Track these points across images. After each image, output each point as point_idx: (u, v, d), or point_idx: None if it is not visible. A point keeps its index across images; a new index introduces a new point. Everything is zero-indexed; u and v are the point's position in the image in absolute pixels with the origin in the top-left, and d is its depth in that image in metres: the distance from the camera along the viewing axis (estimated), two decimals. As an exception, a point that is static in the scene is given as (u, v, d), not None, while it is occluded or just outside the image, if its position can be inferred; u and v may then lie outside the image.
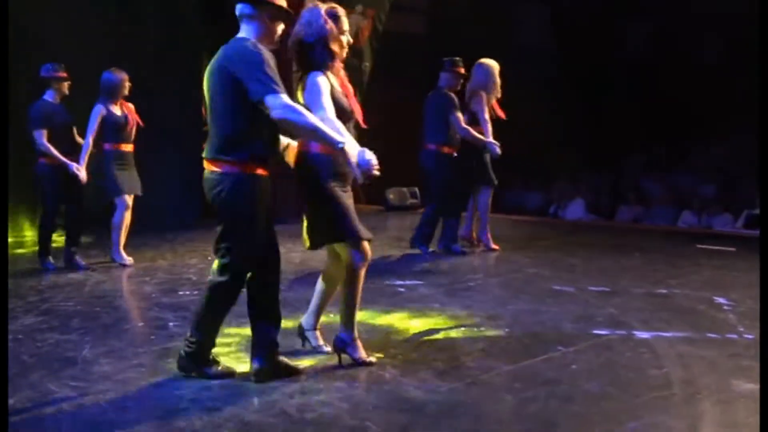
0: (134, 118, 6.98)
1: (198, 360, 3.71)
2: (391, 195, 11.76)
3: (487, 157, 7.16)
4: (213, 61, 3.62)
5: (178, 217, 9.97)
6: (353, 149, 3.43)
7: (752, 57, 11.31)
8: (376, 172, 3.41)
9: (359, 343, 3.93)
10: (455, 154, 7.12)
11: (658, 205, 13.53)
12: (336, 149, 3.45)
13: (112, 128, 6.82)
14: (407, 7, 12.75)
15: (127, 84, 6.93)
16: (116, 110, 6.81)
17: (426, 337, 4.47)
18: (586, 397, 3.47)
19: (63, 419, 3.26)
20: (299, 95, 3.80)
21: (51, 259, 6.80)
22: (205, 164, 3.66)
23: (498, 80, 7.19)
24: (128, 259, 6.99)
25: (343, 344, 3.90)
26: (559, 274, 6.39)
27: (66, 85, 6.77)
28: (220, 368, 3.75)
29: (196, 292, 5.78)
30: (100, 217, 7.33)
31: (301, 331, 4.15)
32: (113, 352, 4.27)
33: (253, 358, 3.69)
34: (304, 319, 4.16)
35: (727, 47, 13.26)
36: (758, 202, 12.13)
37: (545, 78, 13.76)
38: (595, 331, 4.55)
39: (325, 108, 3.65)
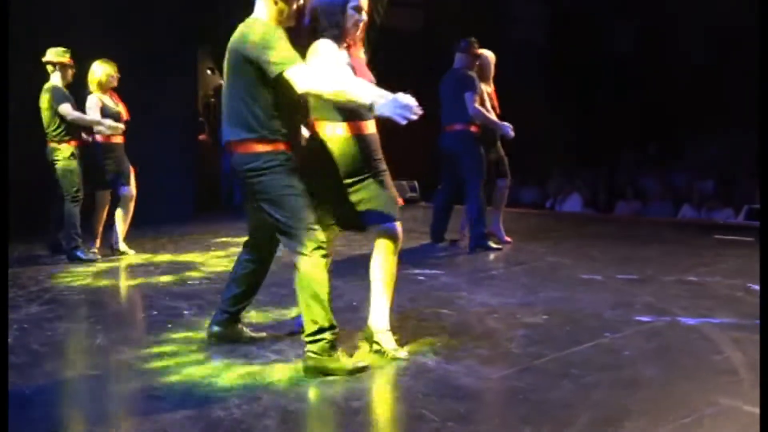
0: (124, 110, 6.73)
1: (330, 353, 3.34)
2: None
3: (482, 149, 6.84)
4: (229, 42, 3.46)
5: (174, 211, 9.70)
6: (385, 98, 3.18)
7: (743, 54, 11.35)
8: (416, 115, 3.17)
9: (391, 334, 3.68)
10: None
11: (656, 200, 13.43)
12: (367, 104, 3.22)
13: (111, 119, 6.55)
14: (404, 2, 12.53)
15: (116, 75, 6.65)
16: (109, 101, 6.55)
17: (461, 325, 4.21)
18: (651, 382, 3.23)
19: (87, 409, 2.98)
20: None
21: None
22: (234, 147, 3.41)
23: (492, 72, 7.04)
24: (130, 251, 6.71)
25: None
26: (581, 263, 6.16)
27: (71, 72, 6.47)
28: (353, 360, 3.45)
29: (206, 282, 5.52)
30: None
31: (368, 334, 3.72)
32: (131, 340, 3.99)
33: (305, 351, 3.38)
34: (372, 319, 3.72)
35: (718, 46, 13.19)
36: (758, 195, 12.10)
37: (541, 74, 13.61)
38: (638, 318, 4.32)
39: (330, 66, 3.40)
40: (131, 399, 3.09)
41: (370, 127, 3.62)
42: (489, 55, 7.04)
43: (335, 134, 3.55)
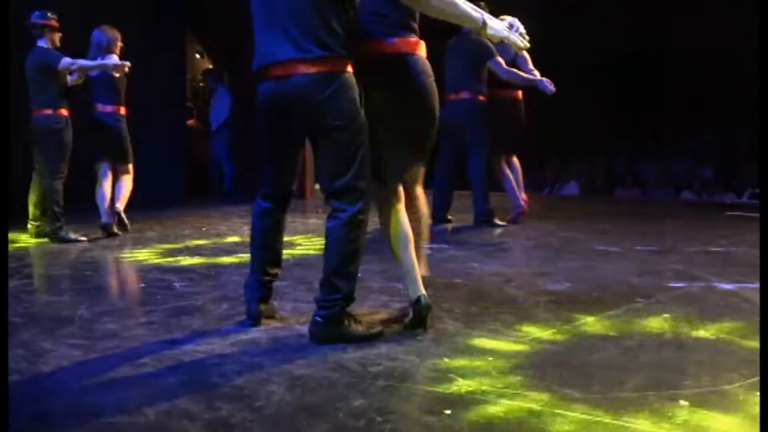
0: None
1: (341, 320, 2.98)
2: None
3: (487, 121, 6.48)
4: None
5: (162, 197, 9.33)
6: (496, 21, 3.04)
7: (736, 44, 11.12)
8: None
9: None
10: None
11: (656, 187, 13.20)
12: (479, 22, 3.00)
13: (116, 88, 6.16)
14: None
15: (120, 43, 6.26)
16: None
17: (478, 293, 3.85)
18: (702, 345, 2.88)
19: (66, 378, 2.60)
20: None
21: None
22: (298, 67, 2.94)
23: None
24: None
25: None
26: (594, 236, 5.82)
27: (58, 36, 6.04)
28: (364, 327, 3.06)
29: (197, 257, 5.13)
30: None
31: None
32: (116, 311, 3.61)
33: (315, 314, 3.00)
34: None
35: (714, 34, 12.96)
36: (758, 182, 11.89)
37: (536, 61, 13.30)
38: (670, 284, 3.98)
39: None
40: (115, 367, 2.71)
41: None
42: (511, 20, 6.62)
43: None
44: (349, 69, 2.97)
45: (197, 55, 12.08)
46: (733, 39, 11.59)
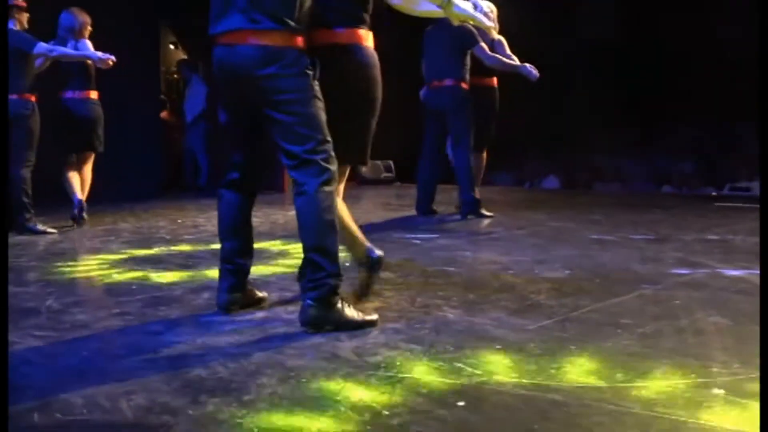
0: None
1: (333, 303, 2.75)
2: (364, 168, 10.88)
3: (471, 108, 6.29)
4: None
5: (135, 190, 9.03)
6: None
7: (713, 42, 11.10)
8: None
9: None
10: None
11: (636, 181, 13.14)
12: (443, 1, 2.90)
13: (87, 73, 5.88)
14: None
15: (89, 27, 5.98)
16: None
17: (474, 280, 3.64)
18: (722, 329, 2.70)
19: (33, 372, 2.35)
20: None
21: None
22: (246, 37, 2.76)
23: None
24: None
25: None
26: (586, 226, 5.64)
27: (26, 17, 5.72)
28: (359, 312, 2.84)
29: (173, 249, 4.87)
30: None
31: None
32: (86, 302, 3.36)
33: (304, 299, 2.78)
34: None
35: (693, 32, 12.92)
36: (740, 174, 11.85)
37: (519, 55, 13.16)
38: (675, 271, 3.80)
39: None
40: (87, 360, 2.45)
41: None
42: (487, 5, 6.47)
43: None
44: (300, 44, 2.80)
45: (171, 46, 11.77)
46: (711, 36, 11.57)
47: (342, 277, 2.80)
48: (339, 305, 2.77)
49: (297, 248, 4.44)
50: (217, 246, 5.04)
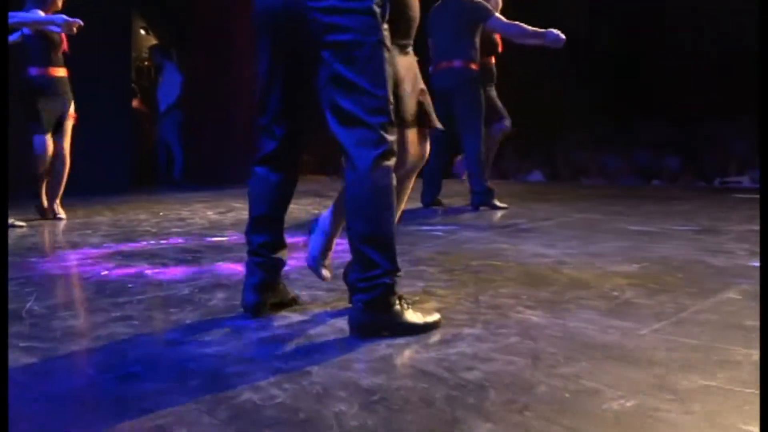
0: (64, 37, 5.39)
1: (390, 304, 2.20)
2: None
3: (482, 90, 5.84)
4: None
5: (106, 183, 8.37)
6: None
7: (692, 36, 10.83)
8: None
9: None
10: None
11: (622, 177, 12.84)
12: None
13: (44, 46, 5.23)
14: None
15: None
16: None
17: (533, 276, 3.11)
18: None
19: (24, 398, 1.75)
20: None
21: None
22: None
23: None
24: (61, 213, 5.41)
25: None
26: (615, 217, 5.15)
27: None
28: (420, 313, 2.29)
29: (163, 242, 4.27)
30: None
31: None
32: (76, 303, 2.76)
33: (355, 301, 2.23)
34: None
35: (672, 26, 12.66)
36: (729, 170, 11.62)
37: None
38: (756, 263, 3.30)
39: None
40: (96, 381, 1.87)
41: None
42: None
43: None
44: None
45: (142, 31, 11.07)
46: (691, 31, 11.30)
47: (400, 272, 2.24)
48: (397, 306, 2.22)
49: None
50: (215, 239, 4.54)
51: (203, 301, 2.71)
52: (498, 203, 5.77)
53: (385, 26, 2.20)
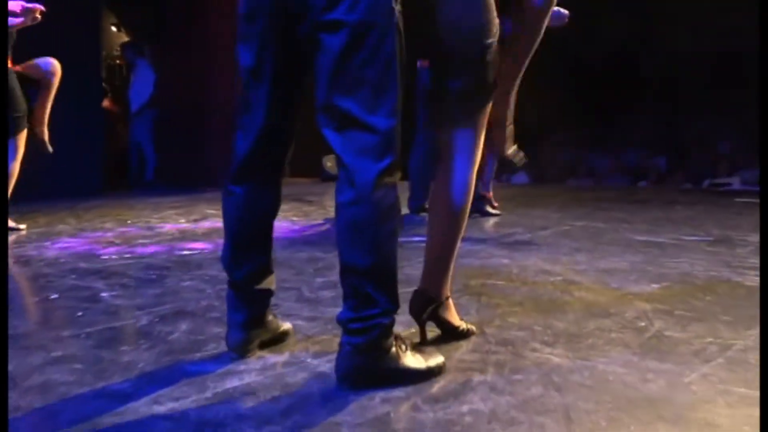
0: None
1: (387, 348, 1.83)
2: (329, 163, 9.88)
3: None
4: None
5: (74, 187, 7.90)
6: None
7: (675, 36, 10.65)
8: None
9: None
10: None
11: (609, 177, 12.60)
12: None
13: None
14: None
15: None
16: None
17: (544, 301, 2.74)
18: None
19: None
20: None
21: None
22: None
23: None
24: (20, 225, 4.96)
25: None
26: (618, 225, 4.79)
27: None
28: (420, 355, 1.91)
29: (127, 256, 3.86)
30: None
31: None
32: (12, 339, 2.32)
33: (345, 342, 1.83)
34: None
35: (656, 27, 12.46)
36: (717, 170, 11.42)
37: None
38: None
39: None
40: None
41: None
42: None
43: None
44: None
45: (113, 28, 10.62)
46: (678, 30, 11.10)
47: (399, 307, 1.86)
48: (394, 350, 1.83)
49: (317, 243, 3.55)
50: (184, 252, 4.14)
51: (163, 336, 2.30)
52: (490, 209, 5.40)
53: (399, 7, 1.80)
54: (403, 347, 1.86)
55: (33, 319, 2.59)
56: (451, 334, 2.18)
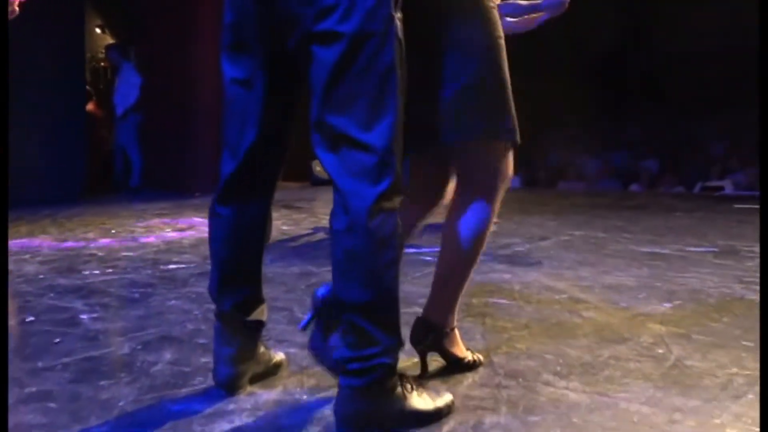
0: None
1: (391, 389, 1.67)
2: (318, 167, 9.70)
3: None
4: None
5: (56, 193, 7.72)
6: None
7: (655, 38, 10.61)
8: None
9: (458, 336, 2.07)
10: None
11: (600, 180, 12.51)
12: None
13: None
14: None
15: None
16: None
17: (549, 322, 2.58)
18: None
19: None
20: None
21: None
22: None
23: None
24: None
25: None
26: (618, 235, 4.65)
27: None
28: (427, 393, 1.75)
29: (110, 271, 3.68)
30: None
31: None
32: (-18, 371, 2.15)
33: (344, 383, 1.66)
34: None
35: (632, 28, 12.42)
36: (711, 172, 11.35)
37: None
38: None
39: None
40: None
41: None
42: None
43: None
44: None
45: (98, 30, 10.43)
46: (667, 32, 11.04)
47: (403, 345, 1.70)
48: (399, 390, 1.67)
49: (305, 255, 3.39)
50: (170, 267, 3.96)
51: (145, 367, 2.13)
52: (486, 218, 5.24)
53: (399, 14, 1.64)
54: (409, 387, 1.70)
55: (10, 346, 2.41)
56: (456, 366, 2.02)
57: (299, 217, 5.86)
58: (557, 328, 2.48)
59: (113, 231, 5.29)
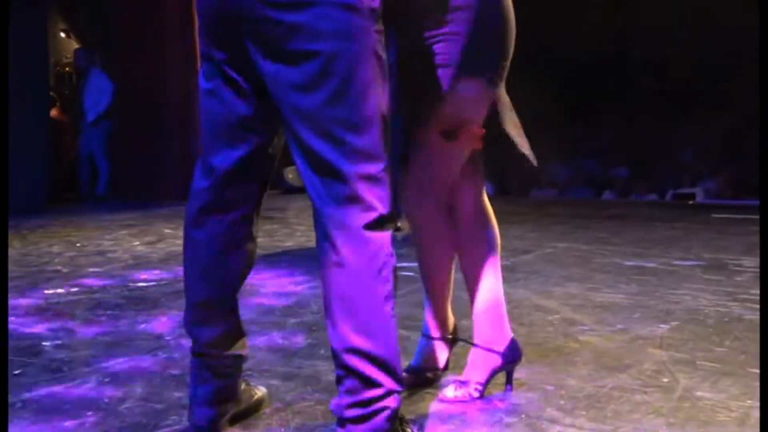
0: None
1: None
2: (290, 174, 9.53)
3: None
4: None
5: (18, 202, 7.43)
6: None
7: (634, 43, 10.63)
8: None
9: None
10: None
11: (572, 187, 12.46)
12: None
13: None
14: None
15: None
16: None
17: (545, 347, 2.45)
18: None
19: None
20: None
21: None
22: None
23: None
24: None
25: None
26: (601, 247, 4.56)
27: None
28: None
29: (75, 290, 3.49)
30: None
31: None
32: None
33: (340, 430, 1.50)
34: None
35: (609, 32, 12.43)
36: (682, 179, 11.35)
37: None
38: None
39: None
40: None
41: None
42: None
43: None
44: None
45: (62, 34, 10.16)
46: (639, 38, 11.05)
47: (404, 386, 1.55)
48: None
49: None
50: (139, 285, 3.76)
51: (113, 405, 1.95)
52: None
53: (379, 26, 1.49)
54: (410, 428, 1.55)
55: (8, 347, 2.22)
56: None
57: (272, 228, 5.68)
58: (554, 355, 2.34)
59: (78, 244, 5.08)
